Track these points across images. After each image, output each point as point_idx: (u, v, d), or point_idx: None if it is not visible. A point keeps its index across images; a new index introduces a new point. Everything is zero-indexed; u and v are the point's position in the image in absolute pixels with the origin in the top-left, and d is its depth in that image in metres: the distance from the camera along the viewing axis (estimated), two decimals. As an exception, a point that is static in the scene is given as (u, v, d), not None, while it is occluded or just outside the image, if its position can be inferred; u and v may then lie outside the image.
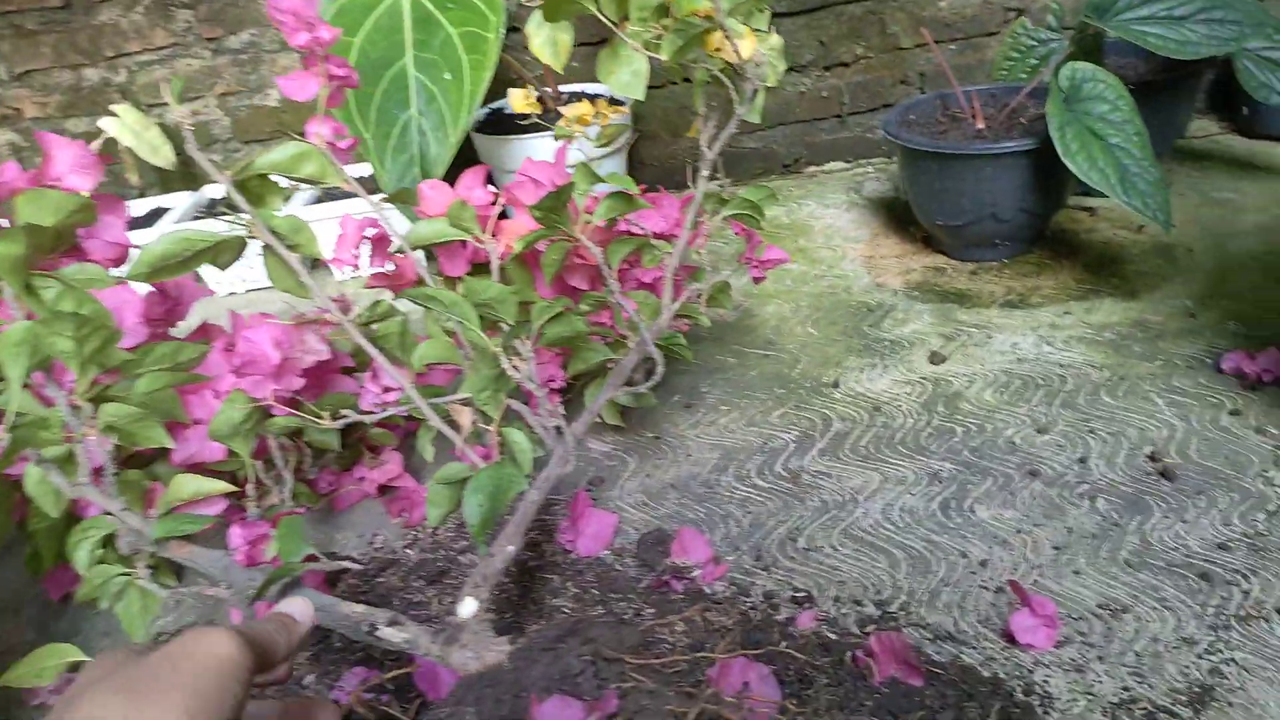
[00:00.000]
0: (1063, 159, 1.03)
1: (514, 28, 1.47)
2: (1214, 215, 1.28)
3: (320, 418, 0.72)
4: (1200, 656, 0.63)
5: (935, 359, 1.03)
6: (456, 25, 1.13)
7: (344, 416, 0.72)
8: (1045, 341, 1.04)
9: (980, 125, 1.21)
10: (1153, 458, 0.83)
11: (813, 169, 1.69)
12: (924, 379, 1.00)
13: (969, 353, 1.04)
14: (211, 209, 1.58)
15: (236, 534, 0.71)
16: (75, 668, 0.53)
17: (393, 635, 0.57)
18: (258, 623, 0.45)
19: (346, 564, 0.65)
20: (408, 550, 0.85)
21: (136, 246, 0.67)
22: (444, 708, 0.55)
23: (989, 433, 0.90)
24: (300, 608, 0.49)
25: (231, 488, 0.67)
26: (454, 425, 0.71)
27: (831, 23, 1.58)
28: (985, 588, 0.72)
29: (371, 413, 0.74)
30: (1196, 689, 0.61)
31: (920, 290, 1.20)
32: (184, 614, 0.82)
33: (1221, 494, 0.78)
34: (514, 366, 0.67)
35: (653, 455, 0.94)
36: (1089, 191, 1.32)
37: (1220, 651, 0.63)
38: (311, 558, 0.58)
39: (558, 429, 0.69)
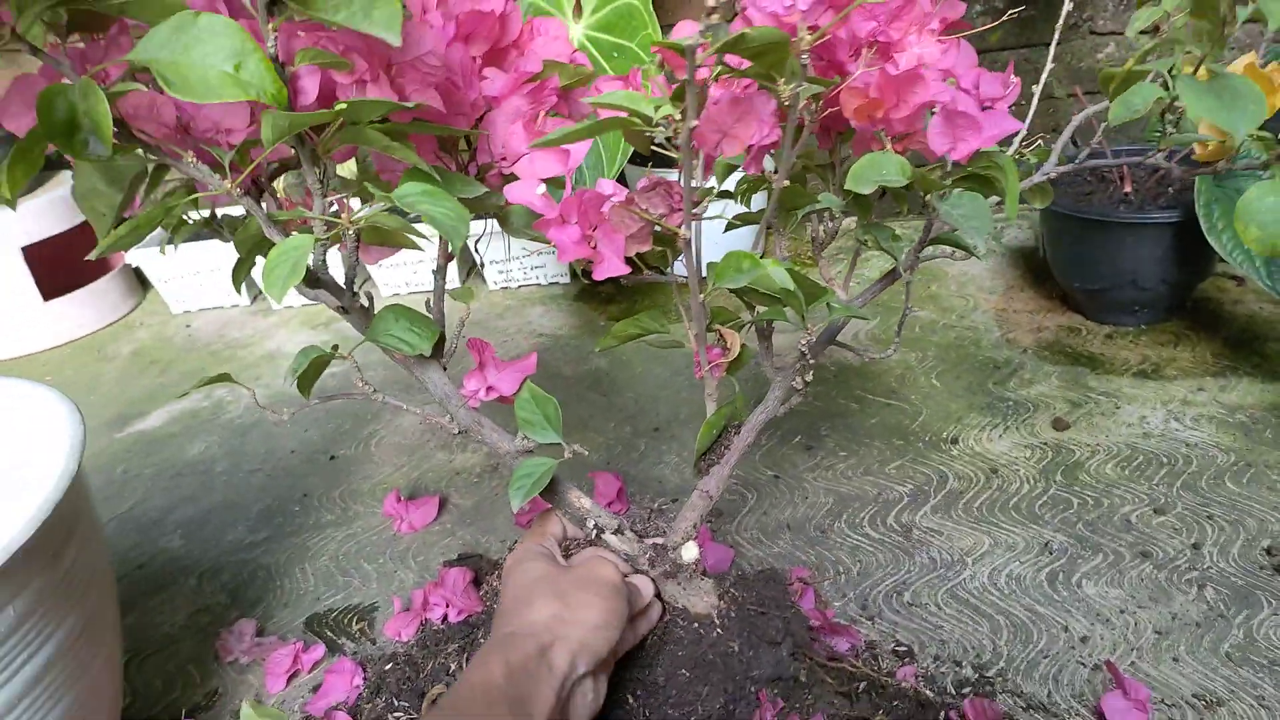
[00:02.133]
0: (1207, 236, 1.03)
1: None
2: (1374, 295, 1.23)
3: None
4: (1293, 760, 0.65)
5: (1059, 425, 1.05)
6: (619, 73, 1.21)
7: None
8: (1174, 417, 1.04)
9: (1127, 189, 1.21)
10: (1270, 551, 0.83)
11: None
12: (1045, 444, 1.03)
13: (1094, 422, 1.05)
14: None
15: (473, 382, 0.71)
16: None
17: (616, 542, 0.66)
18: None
19: (579, 449, 0.64)
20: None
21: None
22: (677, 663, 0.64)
23: (1105, 508, 0.92)
24: (643, 584, 0.66)
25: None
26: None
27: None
28: (1083, 664, 0.75)
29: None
30: (1284, 792, 0.63)
31: (1051, 350, 1.21)
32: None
33: (1339, 598, 0.78)
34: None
35: (770, 493, 1.00)
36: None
37: (1314, 758, 0.65)
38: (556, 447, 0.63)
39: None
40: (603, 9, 1.28)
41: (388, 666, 0.82)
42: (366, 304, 0.65)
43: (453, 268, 1.66)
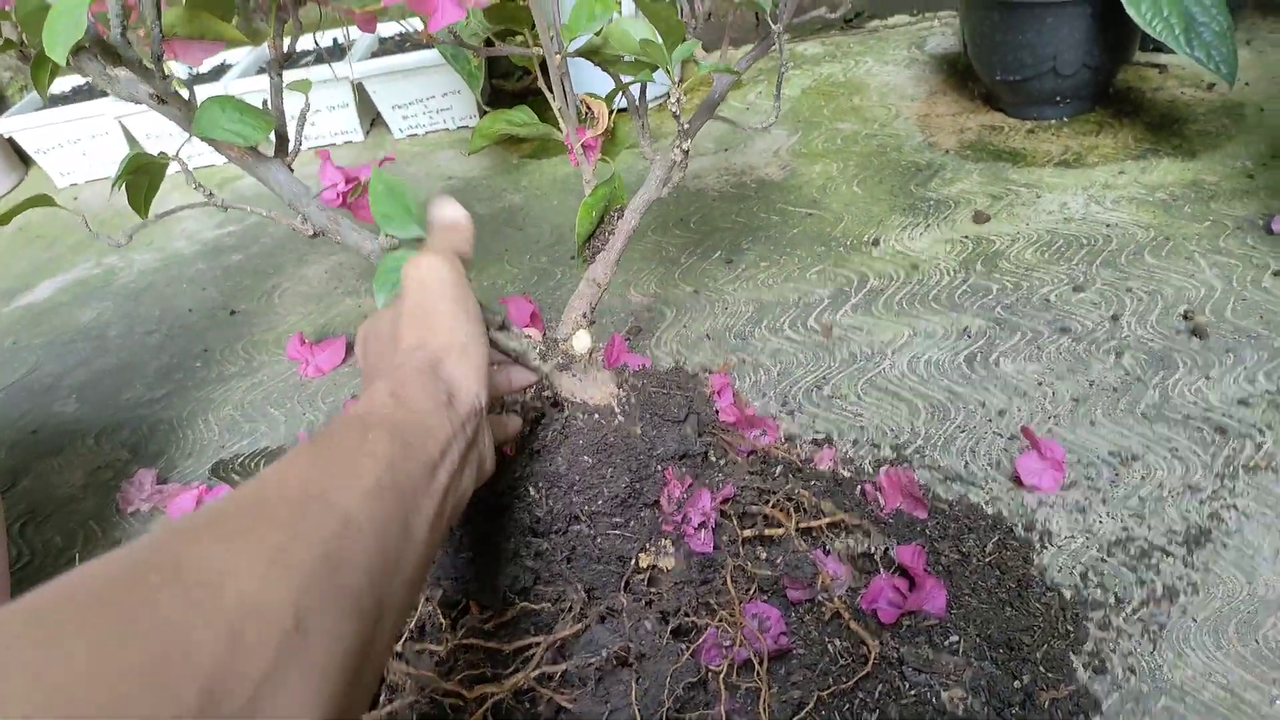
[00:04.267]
0: (1125, 8, 0.99)
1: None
2: (1295, 72, 1.21)
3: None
4: (1202, 503, 0.66)
5: (979, 218, 1.03)
6: None
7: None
8: (1095, 201, 1.02)
9: (1048, -27, 1.15)
10: (1186, 316, 0.83)
11: (875, 23, 1.63)
12: (966, 238, 1.00)
13: (1015, 212, 1.03)
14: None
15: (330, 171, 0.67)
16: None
17: (502, 339, 0.60)
18: (436, 233, 0.53)
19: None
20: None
21: None
22: (579, 445, 0.60)
23: (1024, 290, 0.90)
24: (453, 210, 0.54)
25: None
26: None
27: None
28: (1000, 435, 0.74)
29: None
30: (1194, 531, 0.64)
31: (973, 149, 1.18)
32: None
33: (1251, 352, 0.78)
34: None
35: (690, 308, 0.97)
36: (1160, 48, 1.26)
37: (1223, 499, 0.66)
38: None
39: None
40: None
41: (295, 500, 0.78)
42: (186, 95, 0.58)
43: (354, 117, 1.56)
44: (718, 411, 0.70)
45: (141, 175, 0.59)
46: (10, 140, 1.61)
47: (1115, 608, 0.59)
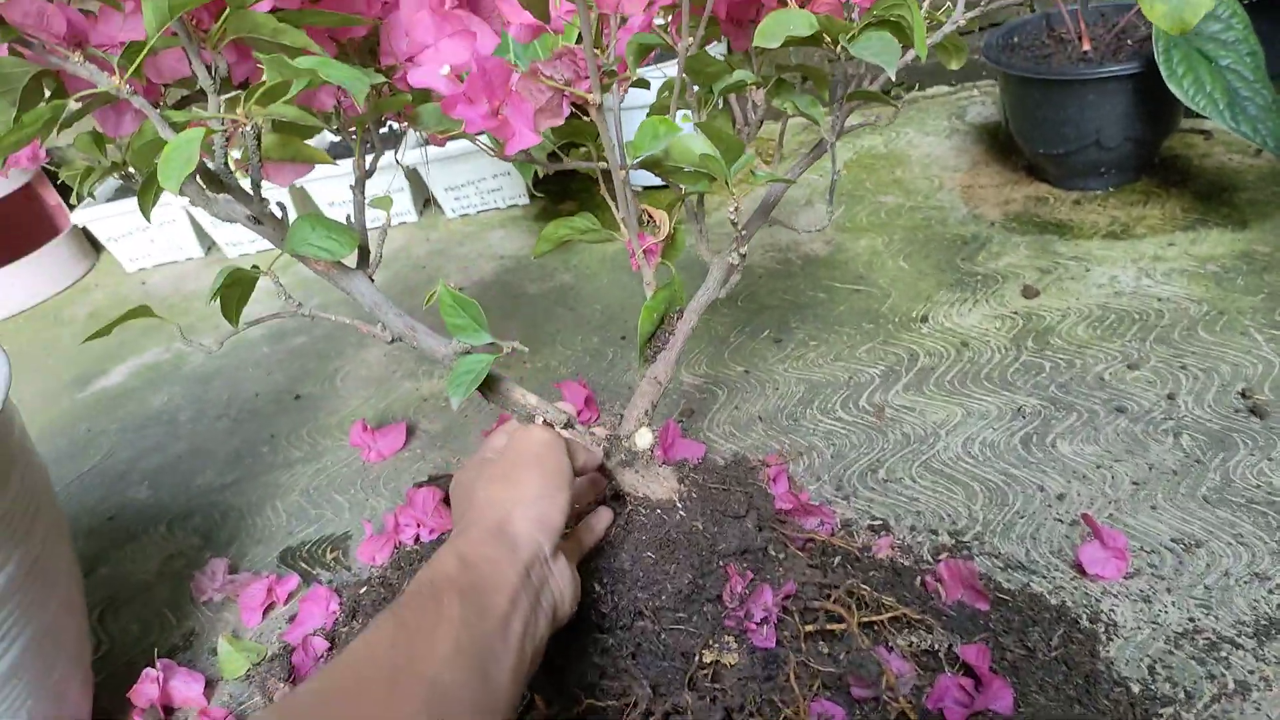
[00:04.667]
0: (1167, 83, 1.00)
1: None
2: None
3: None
4: (1271, 592, 0.65)
5: (1029, 293, 1.03)
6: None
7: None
8: (1145, 274, 1.02)
9: (1086, 48, 1.17)
10: (1244, 394, 0.82)
11: (914, 94, 1.66)
12: (1015, 314, 1.01)
13: (1065, 286, 1.03)
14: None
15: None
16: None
17: (569, 437, 0.63)
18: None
19: (518, 346, 0.60)
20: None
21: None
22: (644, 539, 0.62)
23: (1078, 368, 0.90)
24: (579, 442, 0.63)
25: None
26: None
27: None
28: (1060, 520, 0.74)
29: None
30: (1264, 622, 0.63)
31: (1019, 221, 1.19)
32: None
33: (1314, 432, 0.77)
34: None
35: (741, 389, 0.99)
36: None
37: (1293, 587, 0.65)
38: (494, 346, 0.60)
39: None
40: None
41: (362, 590, 0.81)
42: (280, 214, 0.62)
43: (408, 199, 1.62)
44: (774, 498, 0.71)
45: (234, 287, 0.63)
46: (84, 229, 1.70)
47: (1185, 703, 0.59)
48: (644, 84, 0.71)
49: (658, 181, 1.42)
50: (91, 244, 1.78)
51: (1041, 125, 1.18)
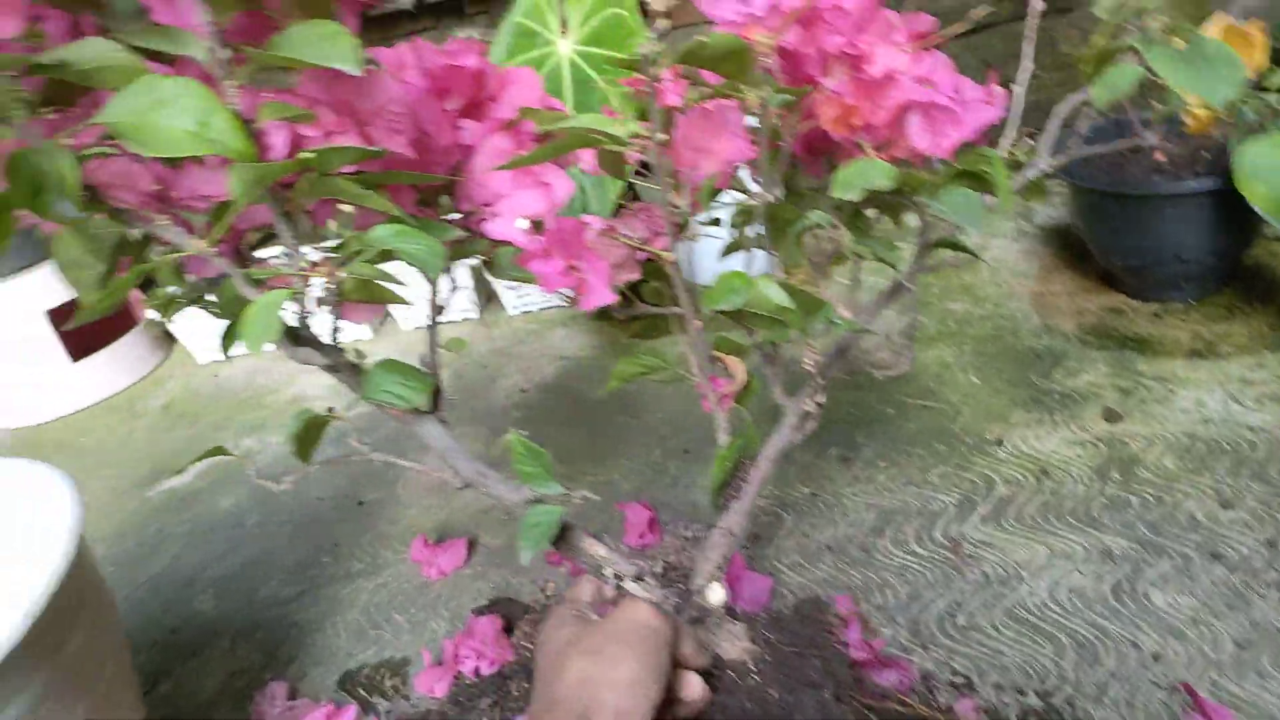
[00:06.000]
0: (1248, 199, 0.96)
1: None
2: None
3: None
4: (1399, 782, 0.60)
5: (1110, 417, 1.00)
6: (612, 87, 1.17)
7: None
8: (1234, 399, 0.98)
9: (1160, 158, 1.15)
10: (1354, 545, 0.77)
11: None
12: (1098, 440, 0.97)
13: (1148, 410, 0.99)
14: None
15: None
16: None
17: (638, 590, 0.61)
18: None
19: (589, 495, 0.60)
20: (576, 602, 0.91)
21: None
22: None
23: (1168, 505, 0.86)
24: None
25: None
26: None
27: (997, 41, 1.53)
28: (1157, 684, 0.70)
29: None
30: (1393, 819, 0.58)
31: (1095, 335, 1.15)
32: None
33: None
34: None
35: (808, 513, 0.96)
36: (1291, 225, 1.22)
37: None
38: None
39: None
40: (590, 21, 1.25)
41: (421, 728, 0.79)
42: (356, 360, 0.63)
43: (471, 295, 1.64)
44: (850, 660, 0.68)
45: (309, 430, 0.63)
46: (160, 322, 1.74)
47: None
48: (715, 222, 0.71)
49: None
50: (166, 335, 1.83)
51: (1116, 237, 1.15)
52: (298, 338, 0.59)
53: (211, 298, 0.64)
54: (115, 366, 1.70)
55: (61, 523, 0.62)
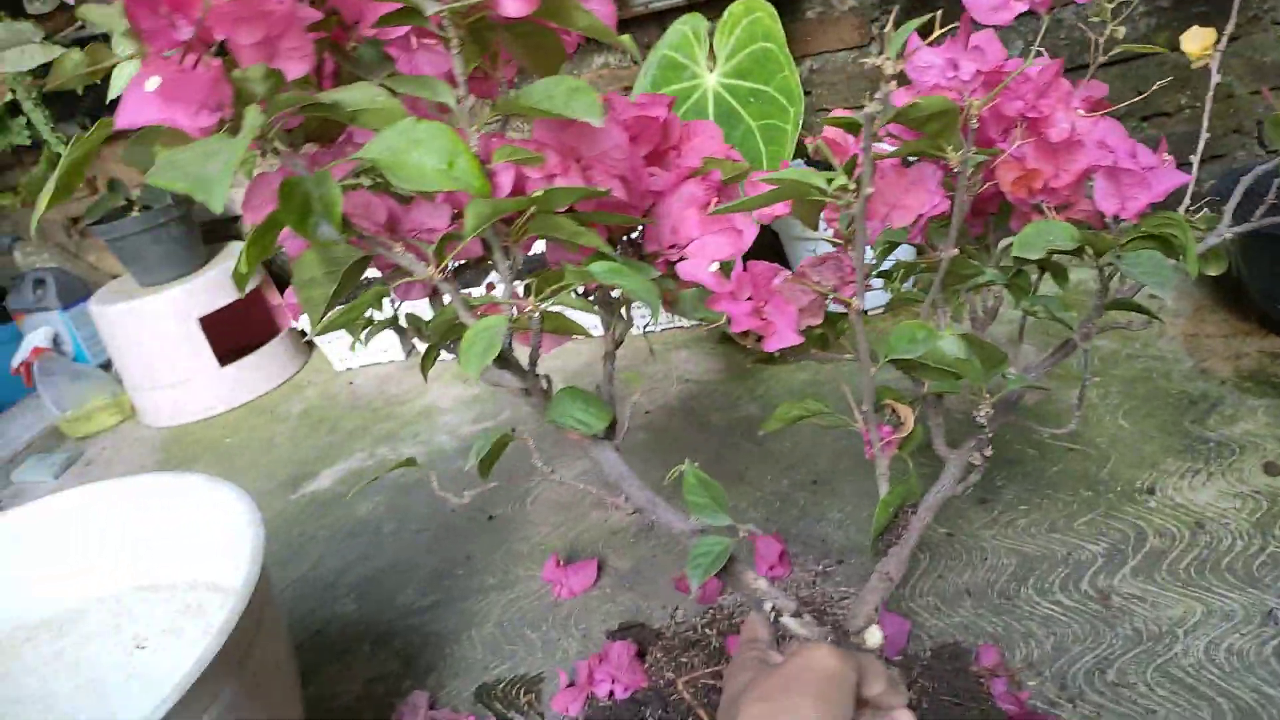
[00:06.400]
0: None
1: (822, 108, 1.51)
2: None
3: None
4: None
5: (1271, 470, 0.95)
6: (756, 118, 1.18)
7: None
8: None
9: (1336, 197, 1.08)
10: None
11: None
12: (1258, 493, 0.92)
13: (1314, 464, 0.94)
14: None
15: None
16: None
17: (796, 626, 0.62)
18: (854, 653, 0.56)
19: (754, 529, 0.63)
20: (706, 630, 0.92)
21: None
22: None
23: (1339, 568, 0.81)
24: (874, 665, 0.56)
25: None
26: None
27: (1153, 71, 1.47)
28: (1331, 761, 0.66)
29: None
30: None
31: (1254, 381, 1.10)
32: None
33: None
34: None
35: (945, 554, 0.94)
36: None
37: None
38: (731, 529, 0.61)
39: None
40: (737, 55, 1.26)
41: (558, 747, 0.81)
42: (546, 386, 0.66)
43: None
44: (994, 697, 0.67)
45: (496, 448, 0.67)
46: (301, 331, 1.84)
47: None
48: (887, 275, 0.72)
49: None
50: (306, 342, 1.93)
51: (1278, 279, 1.10)
52: (504, 360, 0.63)
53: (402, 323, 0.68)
54: (259, 371, 1.80)
55: (246, 544, 0.66)
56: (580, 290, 0.68)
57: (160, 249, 1.72)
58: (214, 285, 1.73)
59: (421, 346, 1.81)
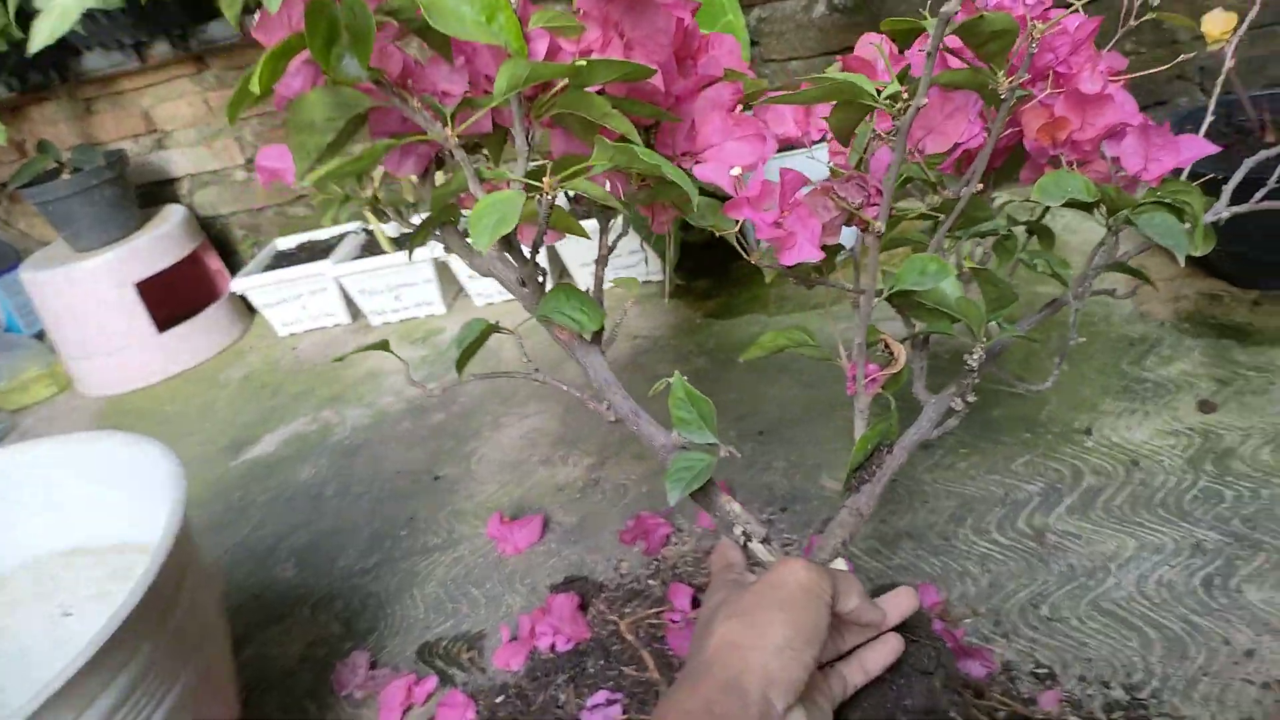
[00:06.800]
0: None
1: (770, 58, 1.48)
2: None
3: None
4: None
5: (1205, 407, 0.96)
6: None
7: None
8: (1341, 391, 0.93)
9: (1271, 138, 1.09)
10: None
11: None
12: (1191, 430, 0.93)
13: (1246, 401, 0.95)
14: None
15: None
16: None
17: (764, 552, 0.61)
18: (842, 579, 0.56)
19: (733, 451, 0.62)
20: (650, 581, 0.91)
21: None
22: None
23: (1264, 499, 0.83)
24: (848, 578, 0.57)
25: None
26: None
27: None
28: (1250, 681, 0.67)
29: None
30: None
31: (1191, 322, 1.11)
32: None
33: None
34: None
35: (887, 499, 0.95)
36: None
37: None
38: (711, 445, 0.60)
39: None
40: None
41: (499, 699, 0.80)
42: (541, 280, 0.64)
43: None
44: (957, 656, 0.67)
45: (480, 338, 0.66)
46: (242, 296, 1.80)
47: None
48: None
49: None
50: (247, 308, 1.88)
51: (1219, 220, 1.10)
52: (507, 242, 0.62)
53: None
54: (198, 337, 1.75)
55: (167, 496, 0.64)
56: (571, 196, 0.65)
57: (93, 212, 1.66)
58: (151, 249, 1.68)
59: (368, 307, 1.79)
